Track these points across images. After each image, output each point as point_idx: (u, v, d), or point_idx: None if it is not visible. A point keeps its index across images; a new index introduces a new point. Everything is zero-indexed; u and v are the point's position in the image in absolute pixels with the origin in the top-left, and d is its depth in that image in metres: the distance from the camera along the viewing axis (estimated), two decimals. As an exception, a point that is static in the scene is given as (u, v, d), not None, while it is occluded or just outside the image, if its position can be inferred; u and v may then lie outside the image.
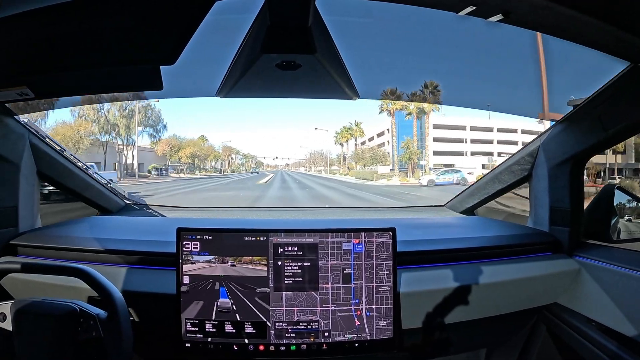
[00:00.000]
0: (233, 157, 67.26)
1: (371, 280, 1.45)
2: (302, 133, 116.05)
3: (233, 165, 61.67)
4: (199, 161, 49.93)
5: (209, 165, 54.23)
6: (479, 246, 1.77)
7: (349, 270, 1.45)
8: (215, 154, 54.59)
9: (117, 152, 36.43)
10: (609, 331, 1.55)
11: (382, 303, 1.45)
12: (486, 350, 2.06)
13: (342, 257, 1.45)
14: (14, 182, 1.73)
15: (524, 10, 1.13)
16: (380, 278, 1.45)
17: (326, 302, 1.44)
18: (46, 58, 1.32)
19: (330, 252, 1.44)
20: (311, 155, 67.43)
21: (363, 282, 1.45)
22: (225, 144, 59.40)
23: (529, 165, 1.98)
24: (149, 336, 1.56)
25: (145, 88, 1.61)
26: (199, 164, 50.26)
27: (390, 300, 1.46)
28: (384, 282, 1.45)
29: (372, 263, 1.45)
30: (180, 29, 1.18)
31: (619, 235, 1.76)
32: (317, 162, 64.17)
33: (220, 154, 57.00)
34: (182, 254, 1.43)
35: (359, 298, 1.45)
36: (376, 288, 1.45)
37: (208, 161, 52.54)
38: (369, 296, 1.45)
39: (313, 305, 1.44)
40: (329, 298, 1.44)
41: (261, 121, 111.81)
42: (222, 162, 58.64)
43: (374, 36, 1.66)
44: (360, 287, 1.45)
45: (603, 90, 1.53)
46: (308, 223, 2.23)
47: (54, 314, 1.23)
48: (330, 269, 1.44)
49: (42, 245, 1.69)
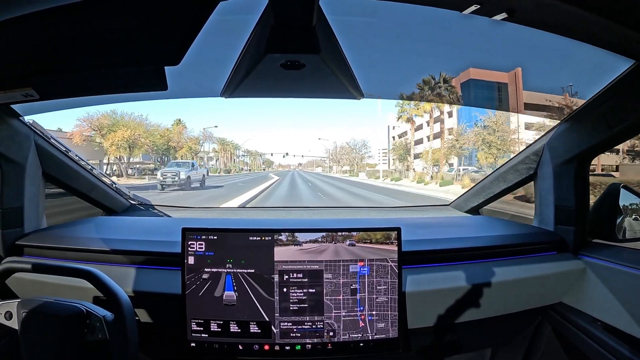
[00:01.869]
0: (246, 153, 52.30)
1: (373, 293, 1.48)
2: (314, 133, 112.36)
3: (229, 165, 47.48)
4: (157, 154, 34.16)
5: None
6: (483, 245, 1.77)
7: (355, 286, 1.48)
8: (191, 145, 37.09)
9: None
10: (615, 331, 1.54)
11: (387, 303, 1.47)
12: (491, 349, 2.05)
13: (350, 277, 1.48)
14: (19, 183, 1.74)
15: (529, 9, 1.13)
16: (385, 284, 1.48)
17: (331, 310, 1.46)
18: (51, 59, 1.32)
19: (340, 273, 1.47)
20: (336, 149, 49.58)
21: (366, 294, 1.48)
22: (208, 131, 42.38)
23: (534, 164, 1.97)
24: (154, 336, 1.56)
25: (150, 89, 1.61)
26: (157, 159, 34.23)
27: (395, 300, 1.47)
28: (388, 289, 1.48)
29: (373, 280, 1.49)
30: (185, 30, 1.18)
31: (625, 234, 1.74)
32: (342, 159, 48.00)
33: (199, 148, 39.28)
34: (188, 254, 1.43)
35: (363, 306, 1.47)
36: (376, 298, 1.48)
37: (183, 155, 35.81)
38: (370, 305, 1.48)
39: (318, 310, 1.46)
40: (332, 306, 1.46)
41: (270, 120, 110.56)
42: (214, 157, 44.55)
43: (378, 35, 1.66)
44: (364, 297, 1.48)
45: (608, 88, 1.52)
46: (314, 223, 2.23)
47: (61, 314, 1.23)
48: (337, 285, 1.47)
49: (47, 245, 1.70)
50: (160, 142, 34.10)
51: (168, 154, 35.01)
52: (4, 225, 1.69)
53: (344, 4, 1.44)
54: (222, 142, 46.37)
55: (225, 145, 46.86)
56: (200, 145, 40.20)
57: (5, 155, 1.66)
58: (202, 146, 41.00)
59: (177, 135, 36.48)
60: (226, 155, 48.28)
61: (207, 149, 42.63)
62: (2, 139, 1.64)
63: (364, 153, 44.22)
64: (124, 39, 1.24)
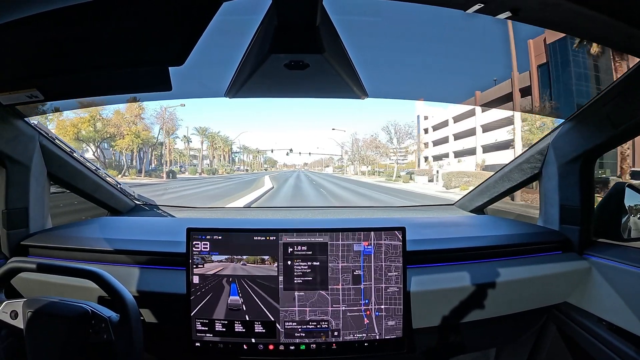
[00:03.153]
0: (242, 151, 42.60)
1: (380, 282, 1.45)
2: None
3: (218, 164, 39.37)
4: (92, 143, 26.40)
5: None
6: (488, 245, 1.76)
7: (358, 272, 1.45)
8: (139, 132, 28.17)
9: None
10: (620, 331, 1.54)
11: (392, 303, 1.45)
12: (496, 349, 2.05)
13: (352, 259, 1.45)
14: (24, 183, 1.75)
15: (533, 7, 1.12)
16: (390, 279, 1.46)
17: (336, 302, 1.44)
18: (55, 60, 1.33)
19: (340, 254, 1.45)
20: (355, 143, 39.79)
21: (372, 283, 1.45)
22: (171, 111, 32.56)
23: (538, 163, 1.97)
24: (159, 336, 1.57)
25: (154, 89, 1.62)
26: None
27: (400, 300, 1.46)
28: (392, 283, 1.45)
29: (381, 265, 1.45)
30: (189, 30, 1.18)
31: (630, 233, 1.74)
32: (366, 156, 37.73)
33: (150, 135, 30.44)
34: (192, 254, 1.44)
35: (368, 298, 1.45)
36: (385, 289, 1.45)
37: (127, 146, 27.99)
38: (378, 296, 1.45)
39: (324, 305, 1.44)
40: (339, 299, 1.44)
41: (275, 116, 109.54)
42: (207, 155, 34.79)
43: (382, 35, 1.66)
44: (370, 287, 1.45)
45: (612, 87, 1.51)
46: (318, 222, 2.23)
47: (66, 315, 1.23)
48: (341, 271, 1.44)
49: (52, 245, 1.71)
50: (87, 129, 27.02)
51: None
52: (9, 226, 1.70)
53: (348, 4, 1.44)
54: (203, 131, 37.47)
55: (211, 138, 37.99)
56: (160, 133, 31.15)
57: (10, 156, 1.66)
58: (161, 134, 31.81)
59: (120, 119, 27.74)
60: (217, 153, 40.62)
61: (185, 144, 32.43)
62: (8, 140, 1.65)
63: (406, 147, 32.74)
64: (128, 40, 1.25)
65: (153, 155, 32.71)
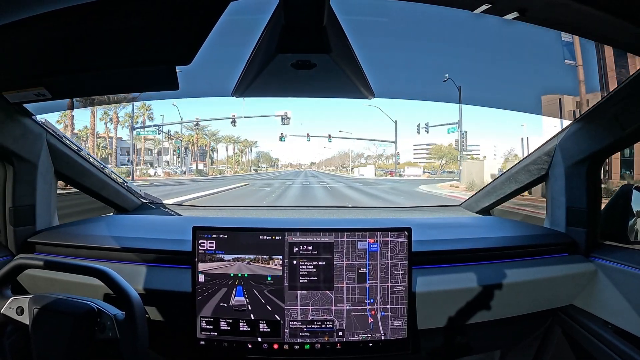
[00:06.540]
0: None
1: (386, 280, 1.45)
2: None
3: (202, 164, 34.81)
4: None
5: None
6: (494, 246, 1.76)
7: (364, 270, 1.44)
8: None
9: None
10: (626, 335, 1.52)
11: (397, 303, 1.45)
12: (500, 351, 2.04)
13: (358, 257, 1.44)
14: (31, 181, 1.76)
15: (540, 8, 1.12)
16: (395, 278, 1.45)
17: (341, 302, 1.44)
18: (63, 59, 1.34)
19: (345, 252, 1.44)
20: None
21: (378, 282, 1.45)
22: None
23: (545, 164, 1.96)
24: (164, 334, 1.57)
25: (161, 88, 1.62)
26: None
27: (405, 300, 1.45)
28: (399, 282, 1.45)
29: (387, 263, 1.45)
30: (196, 30, 1.19)
31: (637, 236, 1.72)
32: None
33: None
34: (198, 253, 1.44)
35: (373, 298, 1.45)
36: (391, 288, 1.45)
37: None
38: (383, 296, 1.45)
39: (327, 304, 1.44)
40: (344, 297, 1.44)
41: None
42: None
43: (389, 35, 1.66)
44: (375, 286, 1.45)
45: (620, 88, 1.50)
46: (324, 222, 2.23)
47: (72, 312, 1.23)
48: (346, 269, 1.44)
49: (59, 243, 1.72)
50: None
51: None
52: (16, 223, 1.71)
53: (355, 4, 1.45)
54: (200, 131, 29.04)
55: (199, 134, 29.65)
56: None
57: (17, 153, 1.68)
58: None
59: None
60: (194, 148, 32.79)
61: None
62: (15, 138, 1.66)
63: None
64: (135, 39, 1.26)
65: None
